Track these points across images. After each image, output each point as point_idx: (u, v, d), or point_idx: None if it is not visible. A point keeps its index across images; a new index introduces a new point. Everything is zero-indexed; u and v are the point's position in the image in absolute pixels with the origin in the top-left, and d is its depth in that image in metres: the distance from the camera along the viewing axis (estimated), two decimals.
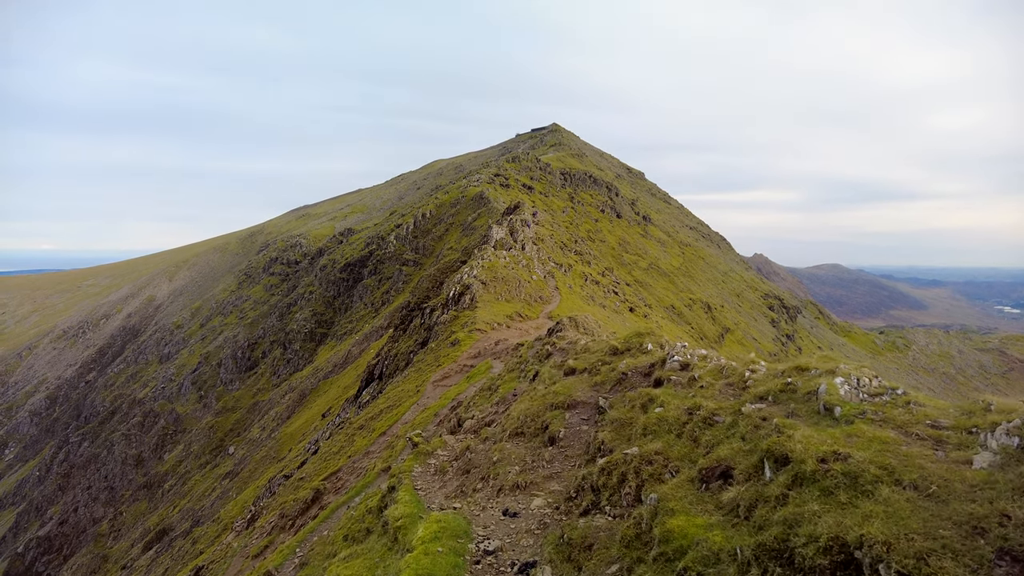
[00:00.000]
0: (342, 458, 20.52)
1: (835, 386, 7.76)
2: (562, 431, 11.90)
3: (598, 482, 8.86)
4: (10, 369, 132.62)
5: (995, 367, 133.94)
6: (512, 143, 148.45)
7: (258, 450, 52.63)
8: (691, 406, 9.07)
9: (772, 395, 8.38)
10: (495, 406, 16.69)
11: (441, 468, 13.74)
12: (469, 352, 26.17)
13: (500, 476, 11.15)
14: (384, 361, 37.15)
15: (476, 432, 15.44)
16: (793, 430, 6.75)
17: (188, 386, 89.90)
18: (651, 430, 9.00)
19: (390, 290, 77.47)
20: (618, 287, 58.22)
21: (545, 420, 12.41)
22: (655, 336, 14.85)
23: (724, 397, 9.27)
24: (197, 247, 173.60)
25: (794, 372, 8.82)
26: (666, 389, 10.36)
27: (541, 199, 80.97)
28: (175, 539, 43.33)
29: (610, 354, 14.52)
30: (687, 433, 8.56)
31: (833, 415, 7.26)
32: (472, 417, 16.89)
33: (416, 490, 12.55)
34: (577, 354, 16.37)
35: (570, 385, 13.69)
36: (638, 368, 12.67)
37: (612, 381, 12.86)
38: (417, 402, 22.45)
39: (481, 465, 12.23)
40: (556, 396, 13.15)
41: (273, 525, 17.70)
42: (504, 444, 12.33)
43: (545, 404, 13.00)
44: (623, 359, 13.83)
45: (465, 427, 16.47)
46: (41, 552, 72.50)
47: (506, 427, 13.19)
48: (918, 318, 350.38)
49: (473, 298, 33.15)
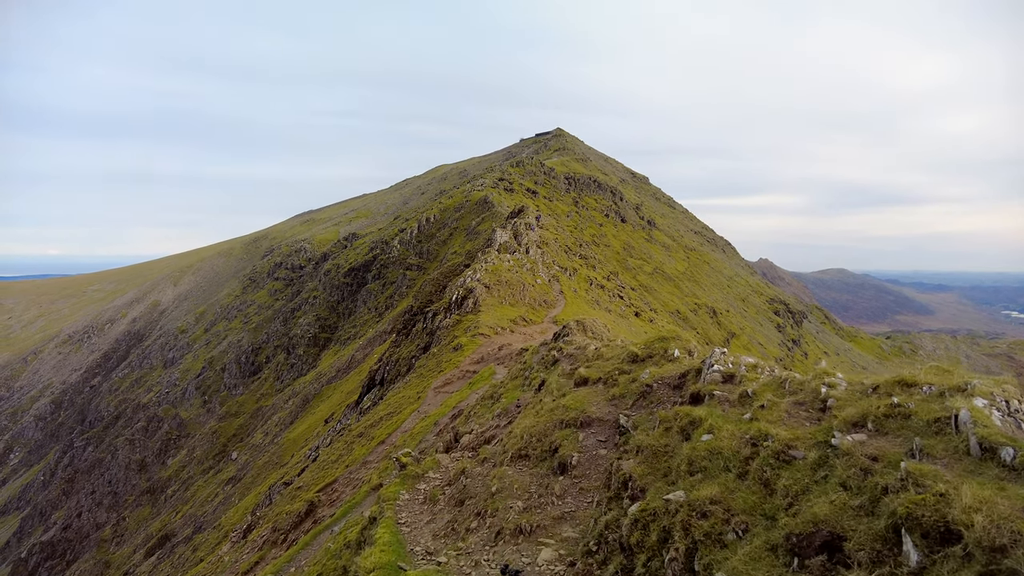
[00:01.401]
0: (339, 467, 20.20)
1: (982, 413, 5.56)
2: (575, 456, 10.22)
3: (630, 539, 6.98)
4: (16, 374, 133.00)
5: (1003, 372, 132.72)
6: (516, 148, 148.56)
7: (261, 455, 52.41)
8: (754, 434, 7.08)
9: (873, 421, 6.35)
10: (496, 419, 15.46)
11: (431, 496, 12.20)
12: (472, 357, 25.83)
13: (499, 513, 9.53)
14: (386, 366, 36.86)
15: (474, 450, 14.23)
16: (948, 486, 4.59)
17: (192, 391, 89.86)
18: (700, 466, 7.03)
19: (394, 294, 77.32)
20: (623, 291, 57.88)
21: (554, 441, 10.86)
22: (681, 341, 13.20)
23: (796, 422, 7.25)
24: (202, 252, 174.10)
25: (897, 388, 6.84)
26: (710, 408, 8.50)
27: (545, 203, 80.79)
28: (177, 545, 43.08)
29: (629, 361, 12.91)
30: (754, 473, 6.47)
31: (1000, 459, 4.93)
32: (471, 431, 15.66)
33: (399, 525, 11.05)
34: (589, 361, 14.92)
35: (583, 398, 12.08)
36: (665, 379, 11.12)
37: (634, 394, 11.26)
38: (418, 409, 22.10)
39: (478, 495, 10.76)
40: (566, 411, 11.57)
41: (265, 539, 17.16)
42: (505, 469, 10.83)
43: (553, 421, 11.43)
44: (645, 368, 12.21)
45: (462, 443, 15.22)
46: (44, 557, 72.36)
47: (508, 447, 11.71)
48: (924, 323, 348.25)
49: (476, 302, 32.87)
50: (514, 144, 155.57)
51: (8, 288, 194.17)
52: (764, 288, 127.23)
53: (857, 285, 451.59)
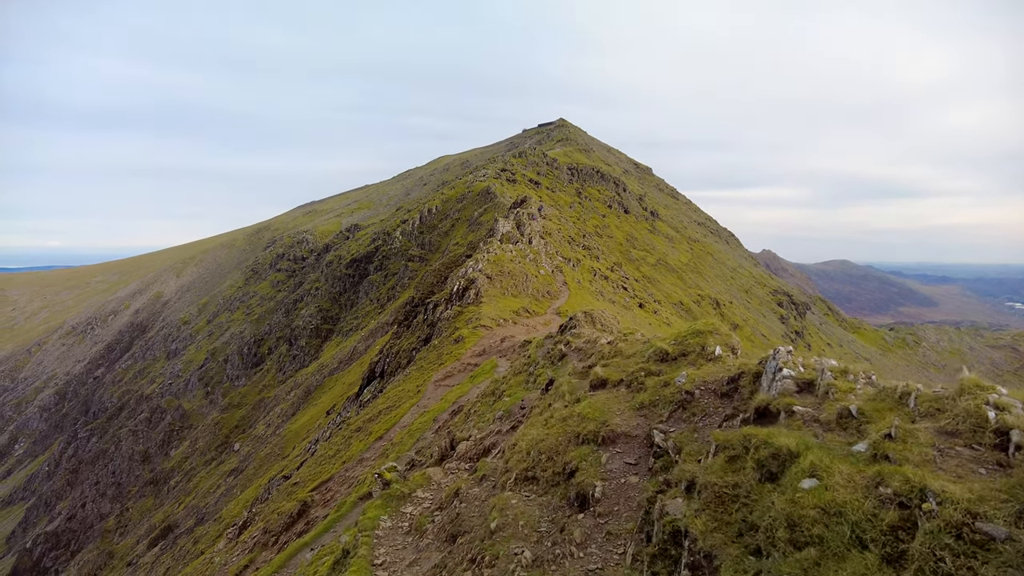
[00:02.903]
0: (336, 464, 19.87)
1: None
2: (598, 485, 8.12)
3: None
4: (20, 365, 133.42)
5: (1007, 364, 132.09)
6: (519, 138, 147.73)
7: (263, 447, 52.38)
8: (898, 486, 4.57)
9: None
10: (498, 423, 13.98)
11: (418, 524, 10.36)
12: (473, 350, 25.45)
13: (500, 563, 7.53)
14: (386, 358, 36.53)
15: (472, 461, 12.61)
16: None
17: (195, 382, 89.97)
18: (810, 535, 4.71)
19: (396, 286, 77.06)
20: (627, 283, 57.50)
21: (569, 461, 8.92)
22: (721, 335, 11.02)
23: (959, 466, 4.76)
24: (204, 243, 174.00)
25: None
26: (796, 434, 6.03)
27: (548, 194, 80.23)
28: (179, 536, 43.12)
29: (657, 360, 10.94)
30: (918, 559, 4.04)
31: None
32: (468, 438, 14.02)
33: (375, 567, 9.36)
34: (606, 359, 12.91)
35: (602, 405, 10.09)
36: (708, 384, 9.20)
37: (669, 403, 9.32)
38: (417, 403, 21.69)
39: (473, 530, 8.95)
40: (583, 422, 9.63)
41: (256, 541, 16.70)
42: (508, 496, 8.89)
43: (567, 434, 9.49)
44: (678, 368, 10.23)
45: (459, 451, 13.46)
46: (49, 547, 72.73)
47: (511, 463, 9.83)
48: (928, 315, 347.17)
49: (478, 293, 32.49)
50: (517, 135, 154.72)
51: (12, 279, 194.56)
52: (767, 279, 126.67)
53: (860, 277, 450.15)
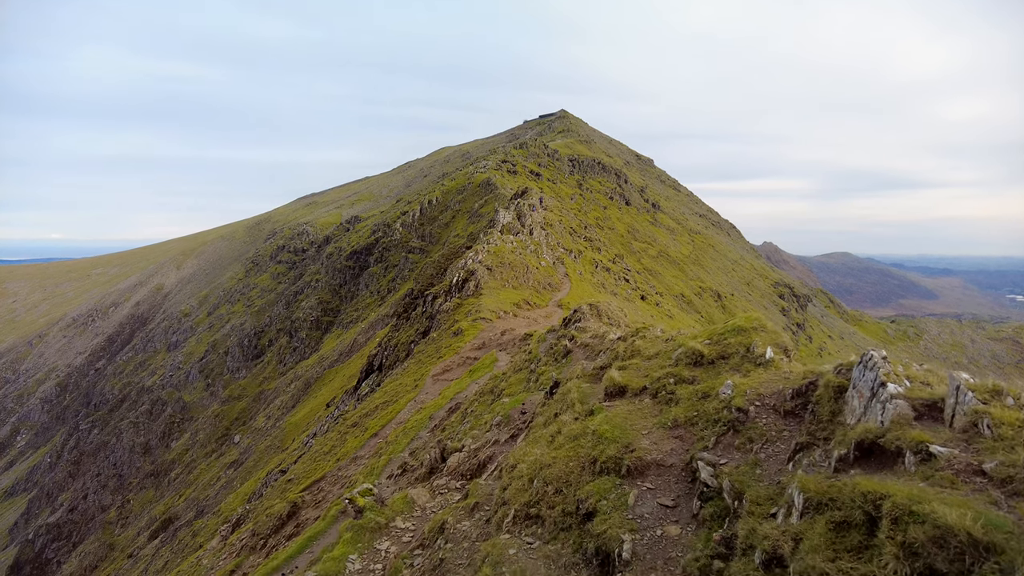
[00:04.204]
0: (330, 461, 19.55)
1: None
2: (627, 542, 5.84)
3: None
4: (21, 357, 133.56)
5: (1008, 357, 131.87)
6: (520, 130, 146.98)
7: (263, 439, 52.31)
8: None
9: None
10: (495, 430, 12.40)
11: (393, 571, 8.67)
12: (472, 343, 25.12)
13: None
14: (384, 351, 36.24)
15: (465, 478, 10.86)
16: None
17: (195, 374, 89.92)
18: None
19: (396, 278, 76.79)
20: (629, 275, 57.19)
21: (584, 498, 6.75)
22: (770, 333, 8.96)
23: None
24: (205, 236, 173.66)
25: None
26: (949, 495, 3.96)
27: (549, 186, 79.77)
28: (179, 529, 43.12)
29: (689, 364, 8.96)
30: None
31: None
32: (461, 448, 12.33)
33: None
34: (621, 359, 10.90)
35: (622, 421, 7.98)
36: (765, 398, 7.01)
37: (714, 422, 7.13)
38: (415, 399, 21.30)
39: None
40: (600, 444, 7.47)
41: (244, 544, 16.31)
42: (504, 540, 6.95)
43: (579, 458, 7.42)
44: (719, 374, 8.28)
45: (450, 464, 11.83)
46: (51, 539, 72.93)
47: (509, 494, 7.84)
48: (929, 307, 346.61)
49: (478, 284, 32.17)
50: (517, 126, 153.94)
51: (12, 271, 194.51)
52: (769, 272, 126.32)
53: (862, 269, 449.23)
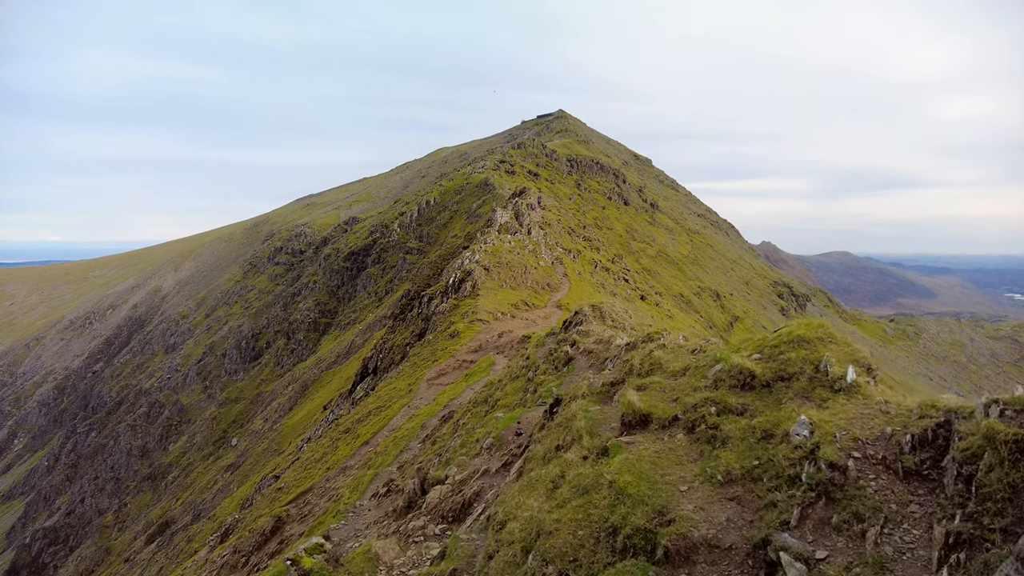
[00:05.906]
0: (320, 469, 19.10)
1: None
2: None
3: None
4: (18, 360, 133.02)
5: (1007, 355, 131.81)
6: (518, 130, 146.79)
7: (260, 442, 51.98)
8: None
9: None
10: (485, 455, 10.67)
11: None
12: (469, 345, 24.69)
13: None
14: (379, 354, 35.83)
15: (447, 521, 9.10)
16: None
17: (193, 376, 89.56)
18: None
19: (394, 279, 76.53)
20: (628, 274, 56.95)
21: None
22: (841, 345, 7.08)
23: None
24: (202, 237, 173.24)
25: None
26: None
27: (547, 186, 79.53)
28: (176, 532, 42.79)
29: (734, 386, 6.86)
30: None
31: None
32: (445, 479, 10.45)
33: None
34: (637, 374, 8.89)
35: (649, 469, 5.97)
36: (867, 447, 5.27)
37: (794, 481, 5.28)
38: (408, 404, 20.86)
39: None
40: (621, 503, 5.62)
41: (224, 561, 15.73)
42: None
43: (592, 526, 5.61)
44: (779, 402, 6.31)
45: (430, 500, 9.89)
46: (48, 543, 72.52)
47: (495, 570, 6.15)
48: (927, 306, 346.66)
49: (475, 285, 31.79)
50: (515, 126, 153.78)
51: (10, 274, 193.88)
52: (767, 271, 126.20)
53: (860, 268, 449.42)
